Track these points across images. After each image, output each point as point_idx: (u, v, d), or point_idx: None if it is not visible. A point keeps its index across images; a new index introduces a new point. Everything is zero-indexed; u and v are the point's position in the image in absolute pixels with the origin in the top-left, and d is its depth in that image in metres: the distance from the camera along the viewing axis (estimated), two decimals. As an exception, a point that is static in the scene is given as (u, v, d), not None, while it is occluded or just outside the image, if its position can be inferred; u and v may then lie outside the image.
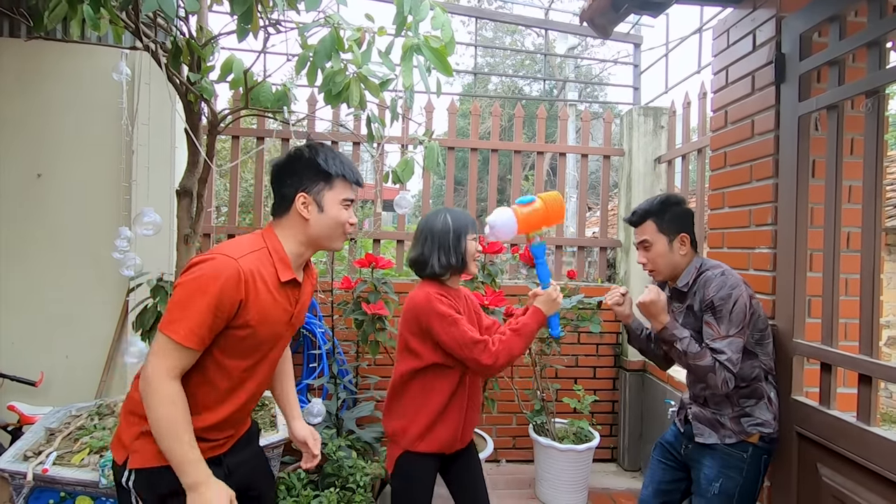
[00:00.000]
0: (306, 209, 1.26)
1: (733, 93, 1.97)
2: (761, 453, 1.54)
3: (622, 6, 2.01)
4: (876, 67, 1.38)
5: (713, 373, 1.46)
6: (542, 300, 1.61)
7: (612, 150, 3.56)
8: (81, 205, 2.86)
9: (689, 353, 1.49)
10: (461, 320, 1.54)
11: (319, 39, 1.69)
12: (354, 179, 1.33)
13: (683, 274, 1.62)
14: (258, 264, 1.20)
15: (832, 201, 1.52)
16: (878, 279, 1.38)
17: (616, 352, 3.35)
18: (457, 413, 1.64)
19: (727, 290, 1.50)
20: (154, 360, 1.11)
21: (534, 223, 1.56)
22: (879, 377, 1.34)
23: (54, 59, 2.83)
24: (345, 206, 1.31)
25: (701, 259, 1.64)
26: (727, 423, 1.55)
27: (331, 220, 1.29)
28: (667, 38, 3.76)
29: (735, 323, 1.48)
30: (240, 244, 1.22)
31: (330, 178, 1.28)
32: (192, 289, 1.12)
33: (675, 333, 1.52)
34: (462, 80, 13.40)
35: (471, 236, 1.67)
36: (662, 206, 1.64)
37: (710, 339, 1.50)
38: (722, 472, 1.53)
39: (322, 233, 1.29)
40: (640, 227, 1.67)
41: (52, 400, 2.64)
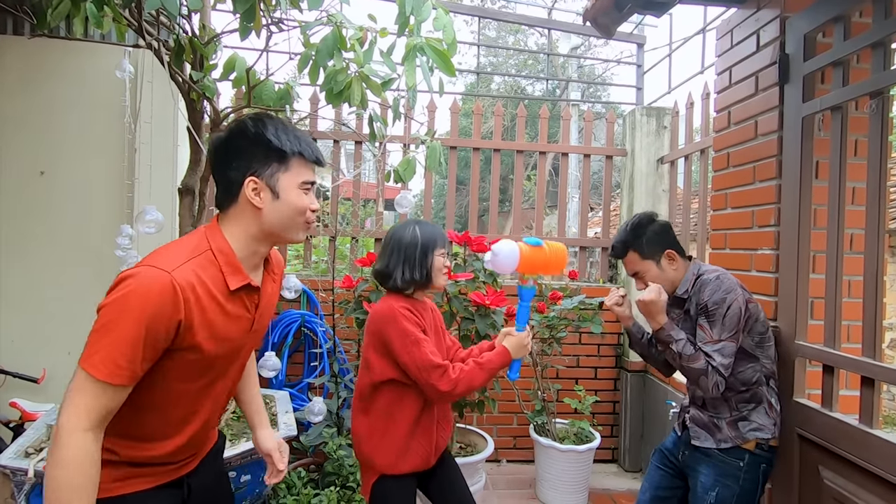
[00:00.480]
0: (258, 196, 1.04)
1: (737, 93, 1.97)
2: (759, 462, 1.52)
3: (626, 6, 2.00)
4: (881, 68, 1.37)
5: (705, 376, 1.46)
6: (512, 342, 1.55)
7: (614, 151, 3.55)
8: (83, 202, 2.87)
9: (683, 354, 1.49)
10: (424, 341, 1.47)
11: (322, 38, 1.69)
12: (314, 157, 1.10)
13: (682, 282, 1.62)
14: (200, 273, 0.99)
15: (835, 203, 1.51)
16: (882, 281, 1.38)
17: (617, 352, 3.35)
18: (428, 429, 1.58)
19: (721, 293, 1.49)
20: (71, 403, 0.90)
21: (534, 266, 1.52)
22: (882, 380, 1.33)
23: (57, 57, 2.83)
24: (304, 189, 1.09)
25: (698, 265, 1.63)
26: (724, 427, 1.55)
27: (288, 207, 1.06)
28: (670, 38, 3.75)
29: (728, 328, 1.48)
30: (177, 250, 1.01)
31: (285, 158, 1.06)
32: (115, 312, 0.91)
33: (672, 334, 1.52)
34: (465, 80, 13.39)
35: (439, 251, 1.61)
36: (635, 233, 1.64)
37: (702, 342, 1.50)
38: (718, 480, 1.52)
39: (278, 223, 1.07)
40: (625, 260, 1.68)
41: (54, 397, 2.64)
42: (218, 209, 1.09)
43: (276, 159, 1.05)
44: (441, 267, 1.62)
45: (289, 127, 1.09)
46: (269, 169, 1.05)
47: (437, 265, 1.61)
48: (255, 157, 1.05)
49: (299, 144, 1.07)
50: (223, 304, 1.03)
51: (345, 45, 1.71)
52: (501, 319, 2.44)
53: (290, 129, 1.09)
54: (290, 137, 1.06)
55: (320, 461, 2.52)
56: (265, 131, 1.05)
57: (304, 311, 3.01)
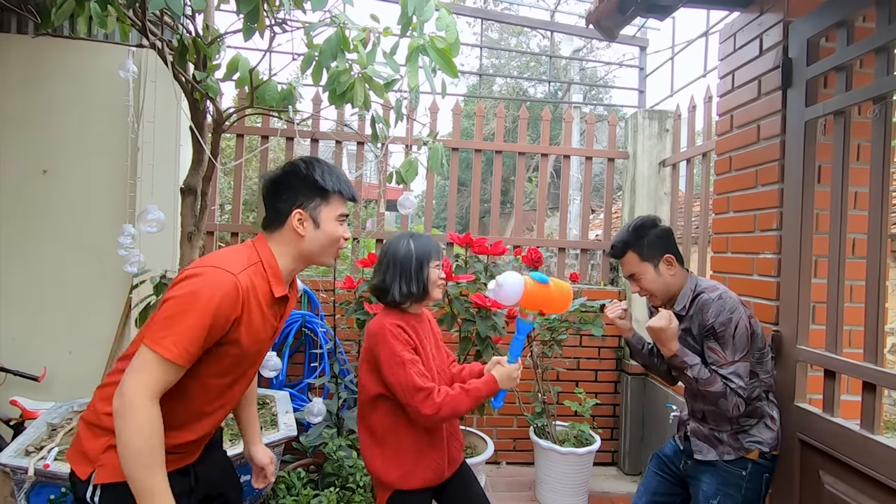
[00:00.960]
0: (302, 225, 1.24)
1: (739, 97, 1.96)
2: (762, 471, 1.52)
3: (629, 9, 2.00)
4: (884, 73, 1.37)
5: (724, 398, 1.46)
6: (502, 373, 1.52)
7: (616, 153, 3.55)
8: (85, 201, 2.87)
9: (700, 380, 1.48)
10: (411, 363, 1.47)
11: (325, 39, 1.69)
12: (350, 195, 1.31)
13: (679, 297, 1.60)
14: (255, 279, 1.17)
15: (838, 207, 1.51)
16: (884, 286, 1.37)
17: (618, 355, 3.35)
18: (437, 444, 1.58)
19: (727, 314, 1.48)
20: (134, 378, 1.03)
21: (536, 302, 1.49)
22: (884, 385, 1.33)
23: (60, 56, 2.84)
24: (340, 221, 1.30)
25: (695, 280, 1.62)
26: (725, 439, 1.54)
27: (326, 236, 1.27)
28: (672, 42, 3.76)
29: (739, 347, 1.48)
30: (237, 257, 1.17)
31: (326, 194, 1.26)
32: (186, 303, 1.05)
33: (686, 361, 1.50)
34: (467, 81, 13.41)
35: (433, 263, 1.61)
36: (637, 234, 1.62)
37: (717, 365, 1.49)
38: (720, 489, 1.51)
39: (316, 249, 1.28)
40: (623, 260, 1.66)
41: (55, 395, 2.65)
42: (265, 230, 1.28)
43: (320, 195, 1.26)
44: (436, 279, 1.61)
45: (333, 168, 1.30)
46: (313, 203, 1.25)
47: (432, 278, 1.61)
48: (302, 192, 1.25)
49: (339, 184, 1.28)
50: (264, 309, 1.21)
51: (348, 45, 1.71)
52: (502, 321, 2.43)
53: (334, 170, 1.30)
54: (332, 178, 1.27)
55: (320, 462, 2.52)
56: (313, 172, 1.25)
57: (305, 312, 3.01)
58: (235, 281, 1.10)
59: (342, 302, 2.71)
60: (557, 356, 2.89)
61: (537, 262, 2.67)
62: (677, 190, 3.31)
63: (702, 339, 1.54)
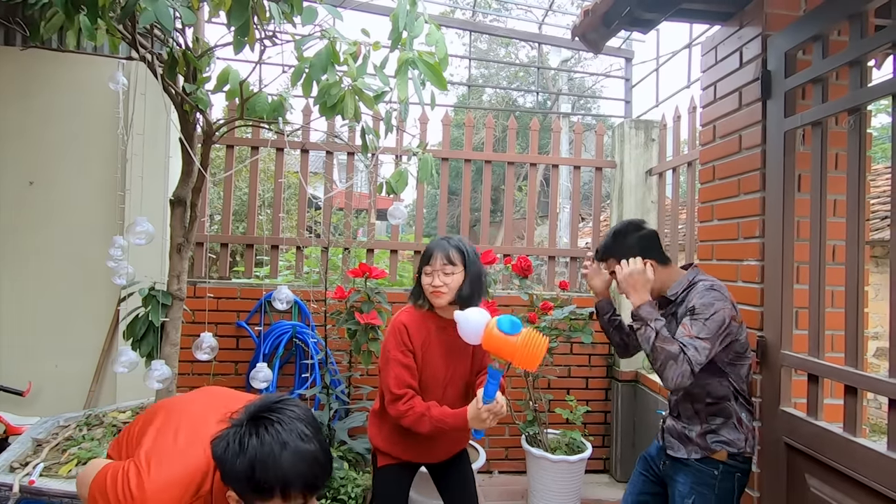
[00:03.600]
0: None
1: (721, 108, 2.01)
2: (733, 471, 1.53)
3: (613, 22, 2.05)
4: (857, 86, 1.42)
5: (674, 361, 1.41)
6: (473, 414, 1.49)
7: (604, 162, 3.60)
8: (74, 213, 2.85)
9: (660, 333, 1.45)
10: (395, 364, 1.55)
11: (315, 52, 1.71)
12: (301, 488, 0.99)
13: (674, 284, 1.62)
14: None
15: (817, 215, 1.55)
16: (863, 291, 1.41)
17: (608, 362, 3.37)
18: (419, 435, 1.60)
19: (710, 299, 1.50)
20: None
21: (498, 351, 1.39)
22: (864, 388, 1.36)
23: (50, 69, 2.84)
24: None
25: (696, 272, 1.63)
26: (694, 438, 1.56)
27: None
28: (657, 53, 3.83)
29: (709, 329, 1.45)
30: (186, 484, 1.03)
31: (262, 493, 0.98)
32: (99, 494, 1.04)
33: (653, 312, 1.51)
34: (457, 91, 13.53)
35: (426, 269, 1.62)
36: (616, 238, 1.65)
37: (680, 336, 1.47)
38: (694, 488, 1.53)
39: None
40: (607, 265, 1.70)
41: (40, 410, 2.60)
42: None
43: (256, 494, 0.98)
44: (427, 286, 1.61)
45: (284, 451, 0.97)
46: (248, 497, 1.00)
47: (423, 283, 1.63)
48: (232, 484, 1.01)
49: (285, 480, 0.97)
50: None
51: (338, 59, 1.73)
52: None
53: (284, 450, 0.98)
54: (275, 472, 0.96)
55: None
56: (244, 469, 0.97)
57: (296, 322, 3.00)
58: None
59: (333, 312, 2.70)
60: (548, 364, 2.91)
61: (527, 271, 2.69)
62: (664, 198, 3.36)
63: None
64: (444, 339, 1.63)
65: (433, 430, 1.52)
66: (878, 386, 1.30)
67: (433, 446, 1.69)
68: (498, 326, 1.35)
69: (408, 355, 1.57)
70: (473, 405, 1.50)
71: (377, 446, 1.71)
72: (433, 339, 1.62)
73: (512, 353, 1.36)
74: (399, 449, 1.68)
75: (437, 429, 1.52)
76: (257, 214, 3.31)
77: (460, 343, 1.58)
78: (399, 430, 1.63)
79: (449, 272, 1.58)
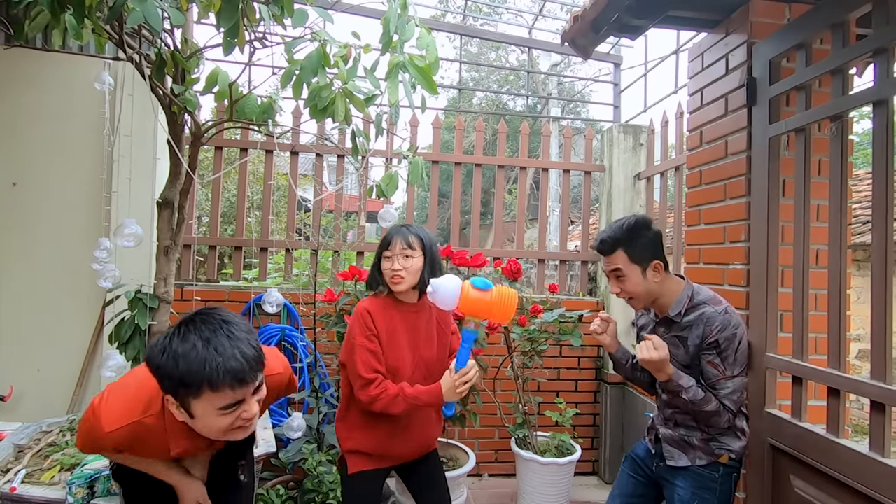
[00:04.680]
0: (177, 410, 1.07)
1: (708, 114, 2.04)
2: (731, 472, 1.57)
3: (602, 28, 2.07)
4: (840, 93, 1.45)
5: (717, 416, 1.50)
6: (448, 385, 1.50)
7: (593, 166, 3.64)
8: (59, 215, 2.81)
9: (695, 401, 1.49)
10: (361, 349, 1.54)
11: (306, 55, 1.71)
12: (233, 382, 1.01)
13: (675, 304, 1.58)
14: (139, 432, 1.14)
15: (801, 219, 1.58)
16: (845, 295, 1.44)
17: (597, 365, 3.39)
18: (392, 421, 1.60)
19: (732, 329, 1.50)
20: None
21: (476, 311, 1.44)
22: (847, 390, 1.39)
23: (35, 68, 2.79)
24: (223, 414, 1.05)
25: (692, 287, 1.61)
26: (696, 444, 1.58)
27: (204, 426, 1.07)
28: (645, 59, 3.88)
29: (740, 363, 1.52)
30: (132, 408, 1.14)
31: (189, 387, 1.01)
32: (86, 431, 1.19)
33: (682, 384, 1.50)
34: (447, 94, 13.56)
35: (385, 253, 1.62)
36: (632, 233, 1.56)
37: (714, 378, 1.51)
38: (696, 493, 1.54)
39: (205, 432, 1.10)
40: (611, 257, 1.58)
41: (22, 415, 2.55)
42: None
43: (183, 388, 1.02)
44: (387, 270, 1.62)
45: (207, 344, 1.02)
46: (180, 393, 1.04)
47: (383, 269, 1.64)
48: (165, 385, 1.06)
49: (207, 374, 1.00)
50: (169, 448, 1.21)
51: (329, 62, 1.73)
52: (483, 333, 2.45)
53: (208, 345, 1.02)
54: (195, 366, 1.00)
55: (300, 478, 2.48)
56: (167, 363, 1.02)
57: (285, 325, 2.98)
58: (103, 434, 1.13)
59: (323, 315, 2.69)
60: (538, 367, 2.92)
61: (517, 274, 2.70)
62: (652, 202, 3.40)
63: (697, 352, 1.53)
64: (408, 325, 1.64)
65: (408, 408, 1.53)
66: (860, 388, 1.32)
67: (407, 437, 1.65)
68: (473, 286, 1.43)
69: (373, 340, 1.56)
70: (447, 376, 1.52)
71: (348, 448, 1.63)
72: (397, 324, 1.62)
73: (489, 309, 1.43)
74: (371, 442, 1.61)
75: (412, 406, 1.52)
76: (246, 216, 3.29)
77: (425, 328, 1.66)
78: (369, 422, 1.60)
79: (408, 255, 1.60)
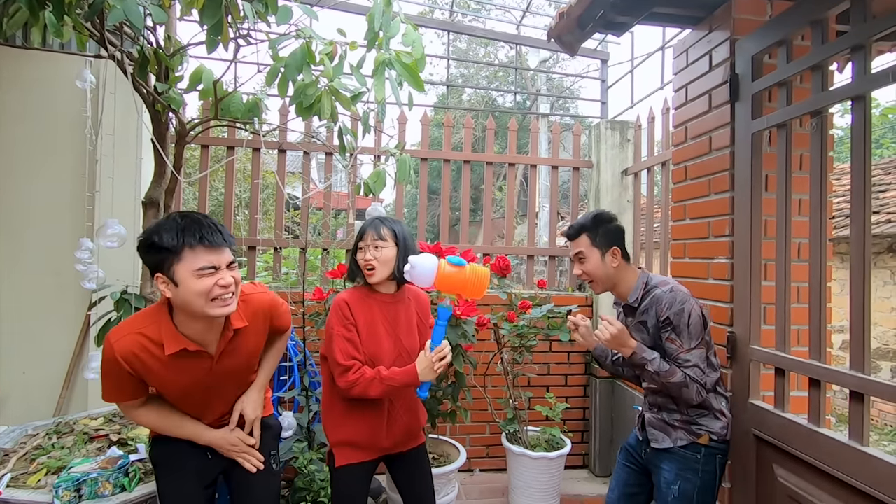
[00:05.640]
0: (166, 288, 1.26)
1: (692, 110, 2.07)
2: (715, 453, 1.60)
3: (587, 25, 2.08)
4: (820, 89, 1.47)
5: (686, 387, 1.53)
6: (424, 365, 1.55)
7: (581, 162, 3.66)
8: (41, 215, 2.77)
9: (660, 372, 1.54)
10: (339, 338, 1.59)
11: (291, 52, 1.70)
12: (206, 242, 1.25)
13: (632, 290, 1.68)
14: (142, 341, 1.29)
15: (783, 214, 1.61)
16: (826, 287, 1.46)
17: (586, 359, 3.42)
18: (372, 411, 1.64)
19: (678, 304, 1.55)
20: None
21: (450, 286, 1.53)
22: (828, 381, 1.42)
23: (14, 66, 2.74)
24: (201, 275, 1.24)
25: (647, 275, 1.69)
26: (677, 425, 1.62)
27: (188, 293, 1.24)
28: (632, 55, 3.91)
29: (694, 335, 1.55)
30: (133, 321, 1.33)
31: (171, 252, 1.23)
32: (102, 368, 1.33)
33: (645, 356, 1.56)
34: (436, 91, 13.53)
35: (360, 244, 1.68)
36: (595, 221, 1.71)
37: (675, 353, 1.56)
38: (679, 474, 1.58)
39: (187, 306, 1.27)
40: (576, 241, 1.73)
41: (7, 418, 2.52)
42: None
43: (168, 255, 1.23)
44: (360, 260, 1.67)
45: (179, 219, 1.26)
46: (167, 263, 1.24)
47: (359, 259, 1.68)
48: (153, 262, 1.26)
49: (185, 236, 1.23)
50: (166, 363, 1.32)
51: (314, 59, 1.72)
52: (472, 329, 2.46)
53: (181, 219, 1.26)
54: (173, 233, 1.23)
55: (290, 476, 2.48)
56: (149, 239, 1.25)
57: (274, 324, 2.96)
58: (112, 351, 1.28)
59: (312, 314, 2.68)
60: (528, 362, 2.94)
61: (505, 270, 2.71)
62: (640, 197, 3.43)
63: (657, 332, 1.60)
64: (387, 315, 1.68)
65: (385, 389, 1.56)
66: (840, 378, 1.35)
67: (391, 425, 1.68)
68: (448, 262, 1.52)
69: (350, 330, 1.61)
70: (422, 355, 1.57)
71: (335, 439, 1.66)
72: (376, 314, 1.66)
73: (463, 283, 1.52)
74: (356, 432, 1.64)
75: (389, 388, 1.56)
76: (234, 215, 3.26)
77: (405, 318, 1.70)
78: (353, 412, 1.64)
79: (379, 246, 1.65)
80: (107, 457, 1.79)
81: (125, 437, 2.02)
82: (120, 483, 1.70)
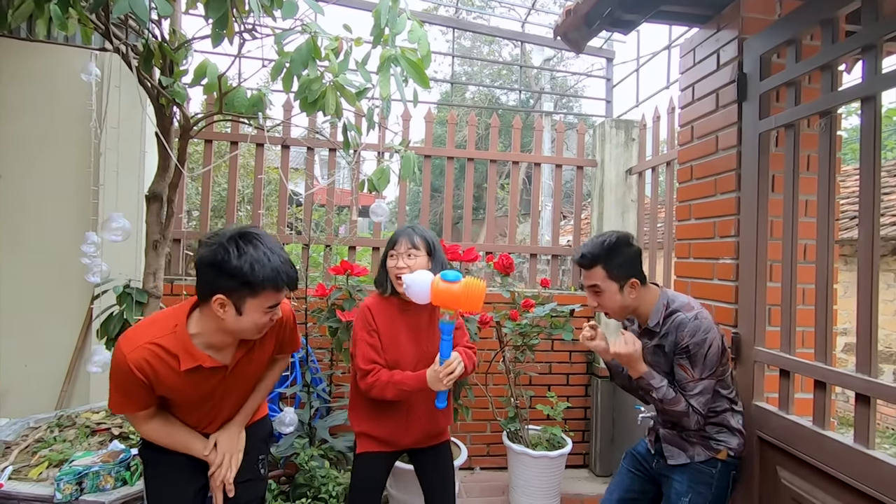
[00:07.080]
0: (222, 310, 1.22)
1: (699, 109, 2.05)
2: (730, 469, 1.58)
3: (594, 22, 2.07)
4: (829, 89, 1.46)
5: (687, 417, 1.52)
6: (432, 376, 1.58)
7: (585, 161, 3.64)
8: (45, 208, 2.77)
9: (665, 400, 1.53)
10: (362, 343, 1.65)
11: (296, 47, 1.69)
12: (286, 284, 1.25)
13: (653, 314, 1.60)
14: (157, 351, 1.25)
15: (790, 215, 1.59)
16: (832, 289, 1.45)
17: (588, 359, 3.41)
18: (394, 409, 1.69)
19: (702, 334, 1.51)
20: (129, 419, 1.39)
21: (445, 302, 1.53)
22: (833, 383, 1.41)
23: (19, 58, 2.74)
24: (267, 312, 1.26)
25: (666, 295, 1.62)
26: (695, 441, 1.60)
27: (249, 323, 1.25)
28: (638, 54, 3.89)
29: (708, 367, 1.52)
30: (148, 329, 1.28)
31: (255, 288, 1.21)
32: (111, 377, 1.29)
33: (652, 383, 1.54)
34: (440, 88, 13.49)
35: (391, 252, 1.68)
36: (611, 252, 1.58)
37: (684, 381, 1.53)
38: (692, 487, 1.56)
39: (237, 332, 1.27)
40: (590, 273, 1.61)
41: (9, 411, 2.53)
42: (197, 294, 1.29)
43: (248, 288, 1.21)
44: (392, 269, 1.68)
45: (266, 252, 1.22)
46: (239, 293, 1.21)
47: (388, 267, 1.69)
48: (226, 285, 1.21)
49: (273, 275, 1.21)
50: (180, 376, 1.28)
51: (319, 54, 1.71)
52: (475, 328, 2.46)
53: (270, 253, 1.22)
54: (264, 269, 1.20)
55: (291, 473, 2.48)
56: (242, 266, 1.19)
57: (276, 320, 2.96)
58: (126, 361, 1.23)
59: (314, 310, 2.68)
60: (530, 361, 2.93)
61: (508, 269, 2.71)
62: (643, 197, 3.41)
63: (672, 357, 1.56)
64: (409, 321, 1.72)
65: (398, 393, 1.61)
66: (846, 380, 1.34)
67: (409, 426, 1.72)
68: (442, 278, 1.52)
69: (373, 335, 1.66)
70: (431, 367, 1.59)
71: (358, 430, 1.74)
72: (398, 321, 1.69)
73: (457, 299, 1.51)
74: (375, 425, 1.71)
75: (401, 391, 1.61)
76: (237, 210, 3.26)
77: (426, 323, 1.72)
78: (373, 406, 1.70)
79: (412, 255, 1.67)
80: (108, 450, 1.80)
81: (127, 430, 2.03)
82: (121, 477, 1.71)
